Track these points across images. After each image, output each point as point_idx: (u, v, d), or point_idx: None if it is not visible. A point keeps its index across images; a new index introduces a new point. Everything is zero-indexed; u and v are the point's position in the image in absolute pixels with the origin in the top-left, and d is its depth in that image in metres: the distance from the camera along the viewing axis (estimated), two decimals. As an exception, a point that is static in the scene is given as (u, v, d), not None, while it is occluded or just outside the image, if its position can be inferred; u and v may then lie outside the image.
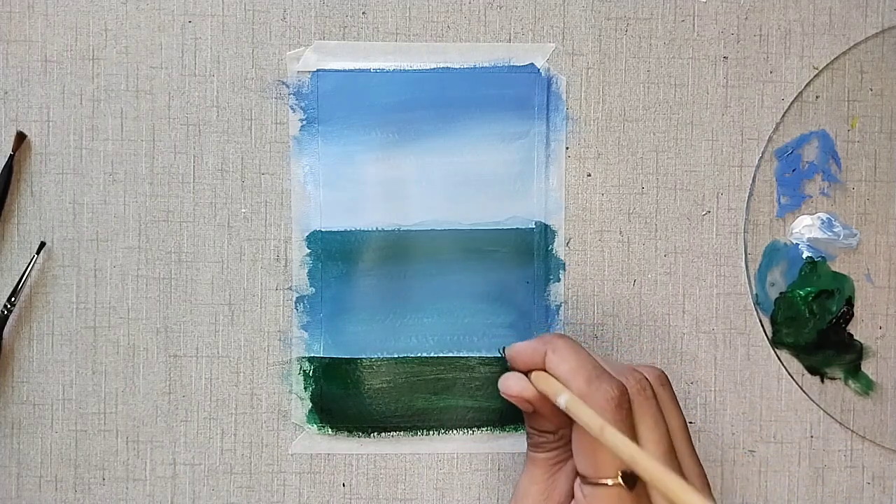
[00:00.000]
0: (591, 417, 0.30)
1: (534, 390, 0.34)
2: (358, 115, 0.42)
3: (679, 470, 0.32)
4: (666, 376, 0.35)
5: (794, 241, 0.43)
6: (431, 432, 0.43)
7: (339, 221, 0.42)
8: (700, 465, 0.34)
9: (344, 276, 0.42)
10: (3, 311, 0.41)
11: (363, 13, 0.43)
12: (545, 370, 0.34)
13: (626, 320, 0.43)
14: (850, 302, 0.43)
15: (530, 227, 0.43)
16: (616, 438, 0.29)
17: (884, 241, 0.44)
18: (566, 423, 0.34)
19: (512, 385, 0.35)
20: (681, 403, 0.43)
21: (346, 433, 0.43)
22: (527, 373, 0.35)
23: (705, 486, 0.34)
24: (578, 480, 0.32)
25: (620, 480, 0.31)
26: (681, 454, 0.33)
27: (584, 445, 0.32)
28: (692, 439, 0.35)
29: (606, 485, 0.31)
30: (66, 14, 0.42)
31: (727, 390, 0.43)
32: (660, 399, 0.34)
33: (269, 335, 0.43)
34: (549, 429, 0.35)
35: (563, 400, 0.32)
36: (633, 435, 0.32)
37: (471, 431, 0.43)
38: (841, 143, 0.43)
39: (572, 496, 0.34)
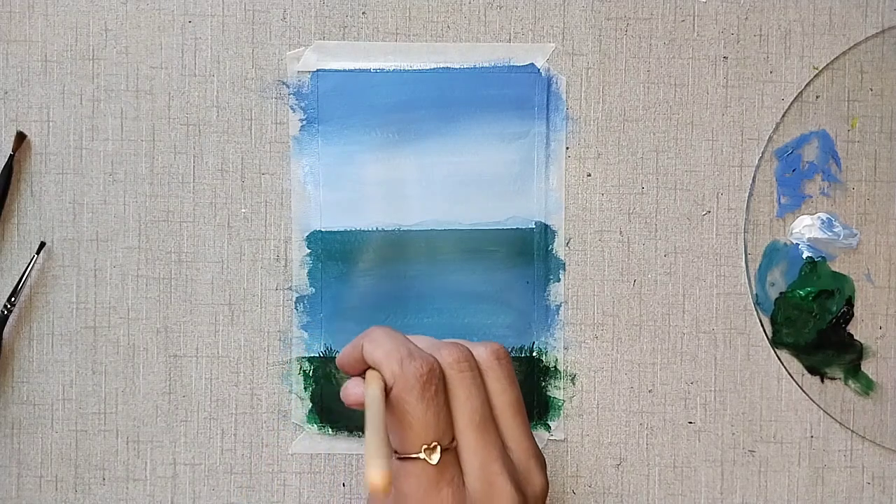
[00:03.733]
0: (367, 409, 0.32)
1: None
2: (358, 115, 0.42)
3: (499, 445, 0.33)
4: (504, 351, 0.35)
5: (794, 241, 0.43)
6: (431, 432, 0.43)
7: (339, 221, 0.42)
8: (532, 442, 0.35)
9: (344, 276, 0.42)
10: (3, 311, 0.41)
11: (363, 13, 0.43)
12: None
13: (626, 320, 0.43)
14: (850, 302, 0.43)
15: (530, 227, 0.43)
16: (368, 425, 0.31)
17: (884, 241, 0.44)
18: None
19: (350, 392, 0.35)
20: (681, 403, 0.43)
21: (346, 433, 0.43)
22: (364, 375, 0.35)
23: (536, 464, 0.34)
24: (394, 454, 0.33)
25: (423, 454, 0.32)
26: (506, 429, 0.34)
27: (393, 423, 0.33)
28: (525, 416, 0.35)
29: (412, 458, 0.32)
30: (66, 14, 0.42)
31: (727, 390, 0.43)
32: (490, 374, 0.35)
33: (269, 335, 0.43)
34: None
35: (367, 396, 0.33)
36: (448, 409, 0.33)
37: (471, 431, 0.43)
38: (841, 143, 0.43)
39: None
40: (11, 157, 0.42)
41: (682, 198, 0.43)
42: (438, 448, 0.32)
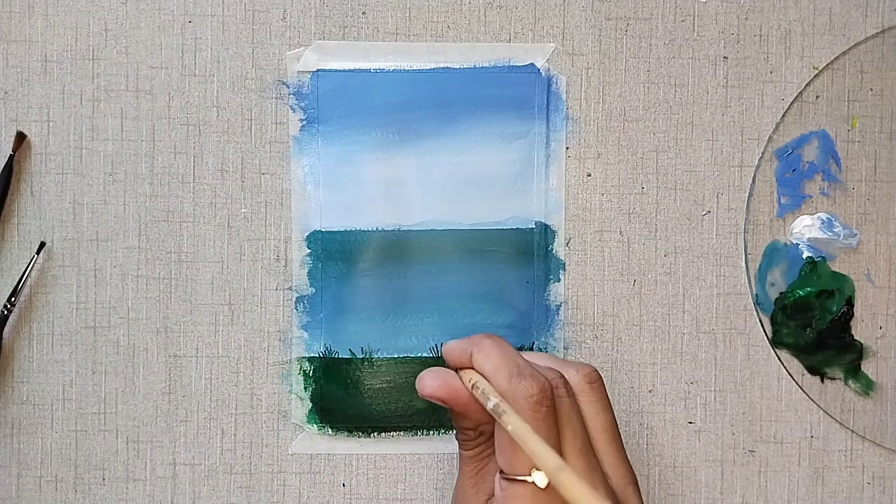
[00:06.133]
0: (517, 423, 0.31)
1: (446, 391, 0.34)
2: (358, 115, 0.42)
3: (600, 472, 0.33)
4: (597, 374, 0.35)
5: (794, 241, 0.43)
6: (431, 432, 0.43)
7: (339, 221, 0.42)
8: (628, 467, 0.34)
9: (344, 276, 0.42)
10: (3, 311, 0.41)
11: (363, 13, 0.43)
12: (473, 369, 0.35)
13: (626, 320, 0.43)
14: (850, 302, 0.43)
15: (530, 227, 0.43)
16: (534, 443, 0.30)
17: (884, 241, 0.44)
18: (486, 419, 0.35)
19: (426, 385, 0.35)
20: (681, 403, 0.43)
21: (346, 433, 0.43)
22: (458, 371, 0.35)
23: (633, 492, 0.34)
24: (498, 474, 0.33)
25: (534, 478, 0.31)
26: (603, 455, 0.34)
27: (503, 441, 0.32)
28: (620, 441, 0.34)
29: (522, 481, 0.31)
30: (66, 14, 0.42)
31: (727, 390, 0.43)
32: (582, 398, 0.34)
33: (269, 335, 0.43)
34: (470, 426, 0.35)
35: (492, 404, 0.32)
36: (556, 433, 0.32)
37: (471, 431, 0.43)
38: (841, 143, 0.43)
39: None
40: (11, 157, 0.42)
41: (682, 198, 0.43)
42: None
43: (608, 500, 0.32)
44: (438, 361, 0.42)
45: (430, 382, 0.34)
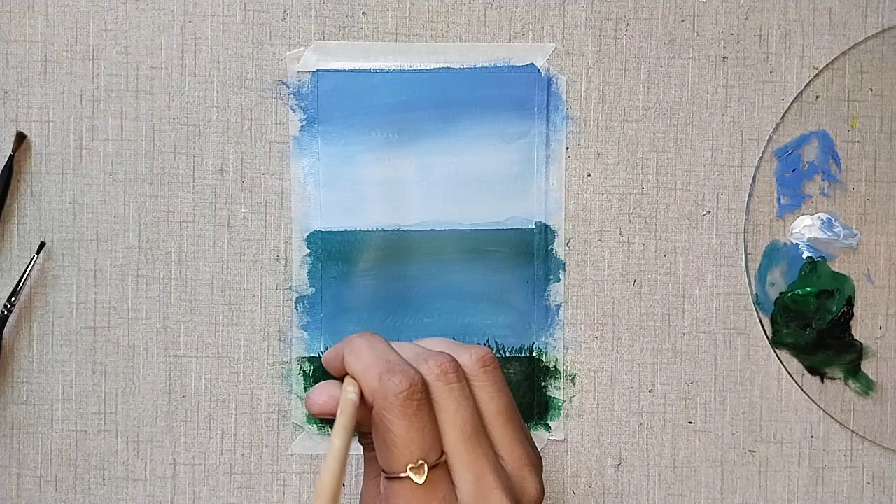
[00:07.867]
0: (337, 421, 0.32)
1: (333, 405, 0.33)
2: (358, 115, 0.42)
3: (491, 457, 0.32)
4: (491, 357, 0.34)
5: (794, 241, 0.43)
6: (431, 432, 0.43)
7: (339, 221, 0.42)
8: (525, 450, 0.33)
9: (344, 276, 0.42)
10: (3, 311, 0.41)
11: (363, 13, 0.43)
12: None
13: (626, 320, 0.43)
14: (850, 302, 0.43)
15: (530, 227, 0.43)
16: (330, 444, 0.31)
17: (884, 241, 0.44)
18: None
19: (313, 402, 0.34)
20: (681, 403, 0.43)
21: (346, 433, 0.42)
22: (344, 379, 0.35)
23: (530, 473, 0.33)
24: (382, 473, 0.32)
25: (409, 473, 0.31)
26: (497, 438, 0.33)
27: (378, 441, 0.32)
28: (517, 423, 0.34)
29: (399, 477, 0.31)
30: (66, 14, 0.42)
31: (727, 390, 0.43)
32: (476, 382, 0.33)
33: (269, 335, 0.43)
34: (368, 430, 0.34)
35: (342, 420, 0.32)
36: (434, 423, 0.32)
37: (471, 431, 0.43)
38: (841, 143, 0.43)
39: None
40: (11, 157, 0.42)
41: (682, 198, 0.43)
42: (425, 466, 0.31)
43: (497, 486, 0.32)
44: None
45: (317, 399, 0.34)
